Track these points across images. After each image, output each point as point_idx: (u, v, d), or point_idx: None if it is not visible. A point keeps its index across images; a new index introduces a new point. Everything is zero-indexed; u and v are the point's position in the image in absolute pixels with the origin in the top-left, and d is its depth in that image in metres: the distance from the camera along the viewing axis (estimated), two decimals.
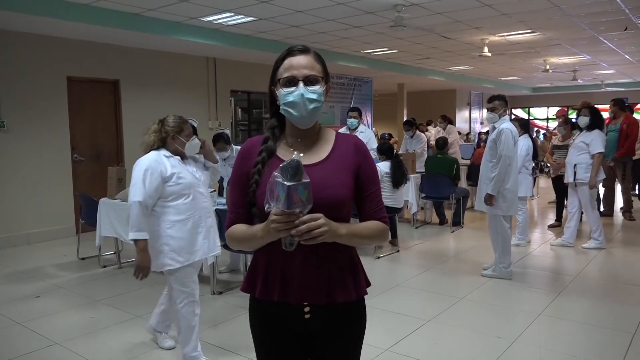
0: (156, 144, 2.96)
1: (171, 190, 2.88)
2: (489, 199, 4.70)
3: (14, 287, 4.84)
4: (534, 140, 6.33)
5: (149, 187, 2.80)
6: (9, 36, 6.40)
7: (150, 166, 2.84)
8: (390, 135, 12.69)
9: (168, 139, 2.96)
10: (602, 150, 5.68)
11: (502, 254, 4.83)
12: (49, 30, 6.49)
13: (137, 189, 2.80)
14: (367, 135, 6.55)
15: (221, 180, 6.03)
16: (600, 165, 5.73)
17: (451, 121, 10.84)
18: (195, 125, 5.86)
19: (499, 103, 4.79)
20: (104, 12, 6.19)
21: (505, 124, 4.70)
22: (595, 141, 5.65)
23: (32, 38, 6.60)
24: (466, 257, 5.74)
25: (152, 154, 2.93)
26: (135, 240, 2.81)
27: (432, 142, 9.31)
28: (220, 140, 5.45)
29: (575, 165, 5.73)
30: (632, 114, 8.38)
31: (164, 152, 2.94)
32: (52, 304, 4.34)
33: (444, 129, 10.10)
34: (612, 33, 8.43)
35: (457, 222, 7.33)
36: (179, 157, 2.98)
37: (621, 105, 7.67)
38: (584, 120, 5.75)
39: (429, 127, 12.60)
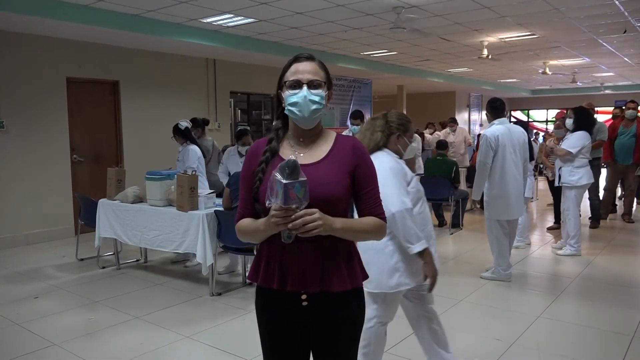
0: (382, 142, 2.63)
1: (410, 195, 2.51)
2: (474, 204, 4.79)
3: (12, 287, 4.83)
4: (530, 142, 6.31)
5: (404, 190, 2.46)
6: (8, 37, 6.40)
7: (393, 167, 2.51)
8: None
9: (392, 137, 2.64)
10: (571, 150, 5.57)
11: (499, 257, 4.80)
12: (49, 31, 6.49)
13: (396, 196, 2.41)
14: None
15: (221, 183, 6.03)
16: (559, 151, 5.69)
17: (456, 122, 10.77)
18: (188, 126, 5.89)
19: (487, 110, 4.87)
20: (103, 13, 6.19)
21: (489, 129, 4.69)
22: (571, 140, 5.64)
23: (31, 39, 6.61)
24: (465, 259, 5.74)
25: (386, 154, 2.59)
26: (421, 252, 2.43)
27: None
28: (246, 135, 5.54)
29: (560, 168, 5.74)
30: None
31: (390, 152, 2.61)
32: (51, 304, 4.33)
33: (454, 131, 10.06)
34: (611, 36, 8.45)
35: (456, 224, 7.33)
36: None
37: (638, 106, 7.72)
38: (569, 123, 5.79)
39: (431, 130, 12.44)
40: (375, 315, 2.61)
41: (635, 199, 8.20)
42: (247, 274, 4.72)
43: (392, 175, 2.46)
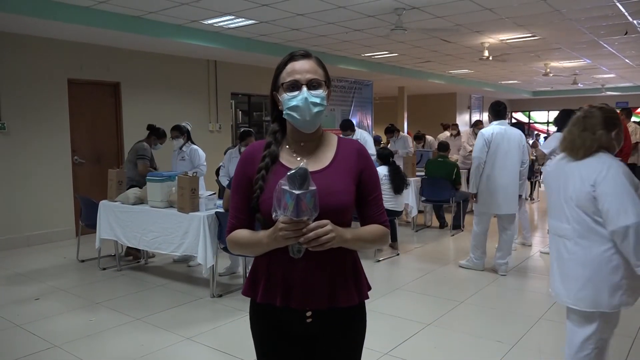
0: (606, 141, 2.30)
1: None
2: (470, 197, 5.29)
3: (13, 289, 4.83)
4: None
5: (638, 199, 2.14)
6: (10, 38, 6.41)
7: (626, 173, 2.17)
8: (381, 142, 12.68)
9: (611, 134, 2.31)
10: (544, 150, 5.68)
11: (472, 246, 5.29)
12: (50, 32, 6.50)
13: (632, 206, 2.10)
14: (362, 141, 6.58)
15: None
16: (537, 152, 6.04)
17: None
18: (190, 128, 5.92)
19: (489, 111, 5.24)
20: (105, 14, 6.20)
21: (486, 128, 5.09)
22: (546, 141, 5.83)
23: (33, 40, 6.61)
24: None
25: (610, 157, 2.25)
26: None
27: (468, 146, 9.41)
28: (249, 136, 5.61)
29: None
30: (630, 117, 8.36)
31: (610, 154, 2.29)
32: (52, 306, 4.33)
33: (477, 134, 10.02)
34: (612, 37, 8.44)
35: (457, 226, 7.33)
36: None
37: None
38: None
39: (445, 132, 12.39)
40: (592, 334, 2.38)
41: None
42: (247, 275, 4.74)
43: (627, 182, 2.14)
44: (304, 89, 1.45)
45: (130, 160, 5.69)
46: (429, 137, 10.81)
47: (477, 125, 10.21)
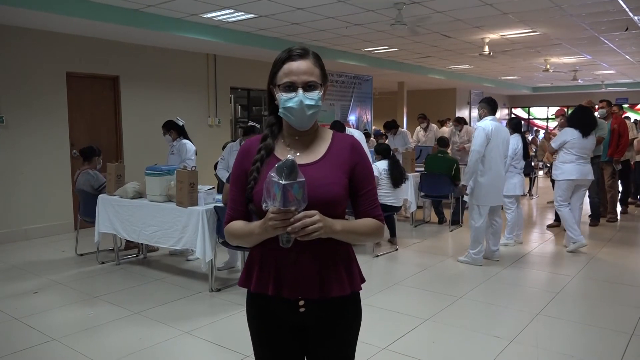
0: None
1: None
2: (462, 189, 5.42)
3: (12, 282, 4.83)
4: (524, 140, 6.30)
5: None
6: (9, 31, 6.38)
7: None
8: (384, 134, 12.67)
9: None
10: (552, 144, 6.07)
11: (472, 241, 5.31)
12: (49, 25, 6.47)
13: None
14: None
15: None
16: (548, 152, 6.40)
17: (466, 122, 10.65)
18: (182, 123, 5.91)
19: (479, 105, 5.41)
20: (104, 8, 6.18)
21: (481, 123, 5.23)
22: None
23: (32, 33, 6.59)
24: None
25: None
26: None
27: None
28: (253, 132, 5.63)
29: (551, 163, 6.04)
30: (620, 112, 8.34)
31: None
32: (50, 299, 4.33)
33: (460, 130, 9.96)
34: (613, 33, 8.43)
35: (456, 221, 7.33)
36: None
37: (609, 104, 7.65)
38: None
39: (444, 127, 12.33)
40: None
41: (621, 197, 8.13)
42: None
43: None
44: (300, 91, 1.48)
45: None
46: (433, 125, 10.76)
47: (462, 123, 10.19)
